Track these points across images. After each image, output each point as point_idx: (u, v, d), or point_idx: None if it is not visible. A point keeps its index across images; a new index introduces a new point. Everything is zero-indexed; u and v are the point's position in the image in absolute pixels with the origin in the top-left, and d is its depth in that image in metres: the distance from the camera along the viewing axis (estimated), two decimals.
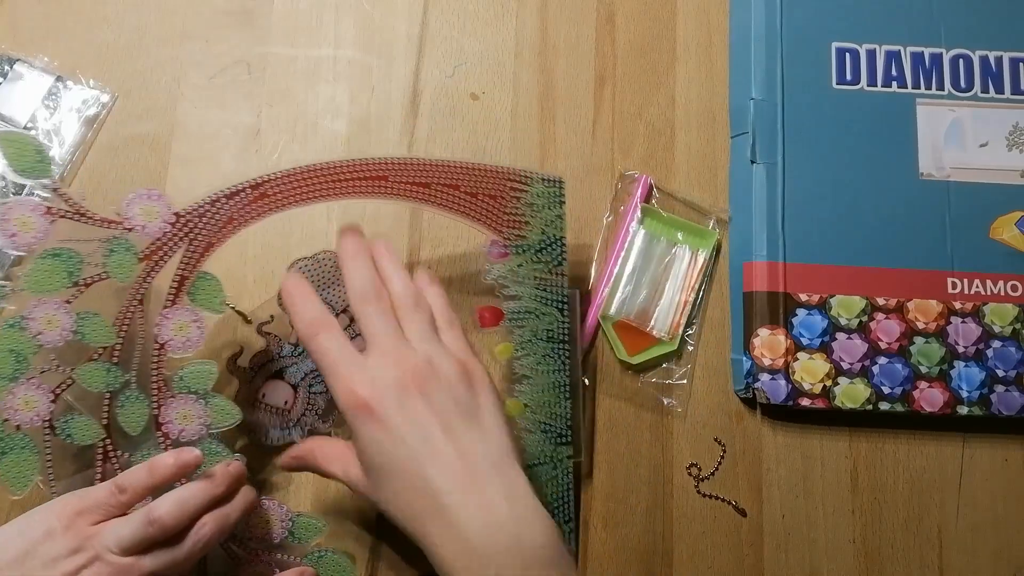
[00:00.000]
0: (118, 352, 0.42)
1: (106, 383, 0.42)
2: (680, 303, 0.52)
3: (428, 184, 0.46)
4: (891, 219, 0.52)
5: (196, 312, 0.43)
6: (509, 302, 0.47)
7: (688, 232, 0.54)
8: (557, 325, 0.48)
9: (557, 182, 0.48)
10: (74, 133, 0.52)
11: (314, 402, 0.48)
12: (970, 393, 0.50)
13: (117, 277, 0.42)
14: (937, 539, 0.51)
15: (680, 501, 0.51)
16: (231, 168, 0.53)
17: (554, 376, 0.48)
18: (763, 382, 0.50)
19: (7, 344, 0.41)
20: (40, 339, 0.41)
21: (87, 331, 0.41)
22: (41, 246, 0.41)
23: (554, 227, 0.48)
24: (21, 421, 0.41)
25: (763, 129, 0.53)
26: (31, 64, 0.53)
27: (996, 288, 0.51)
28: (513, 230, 0.47)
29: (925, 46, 0.54)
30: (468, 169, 0.46)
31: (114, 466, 0.43)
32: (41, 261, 0.41)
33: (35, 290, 0.41)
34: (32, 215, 0.41)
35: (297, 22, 0.56)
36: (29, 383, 0.41)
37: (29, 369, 0.41)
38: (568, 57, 0.56)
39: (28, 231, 0.41)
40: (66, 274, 0.41)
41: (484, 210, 0.47)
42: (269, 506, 0.45)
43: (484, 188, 0.47)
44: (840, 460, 0.51)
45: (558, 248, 0.48)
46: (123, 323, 0.42)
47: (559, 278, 0.48)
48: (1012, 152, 0.53)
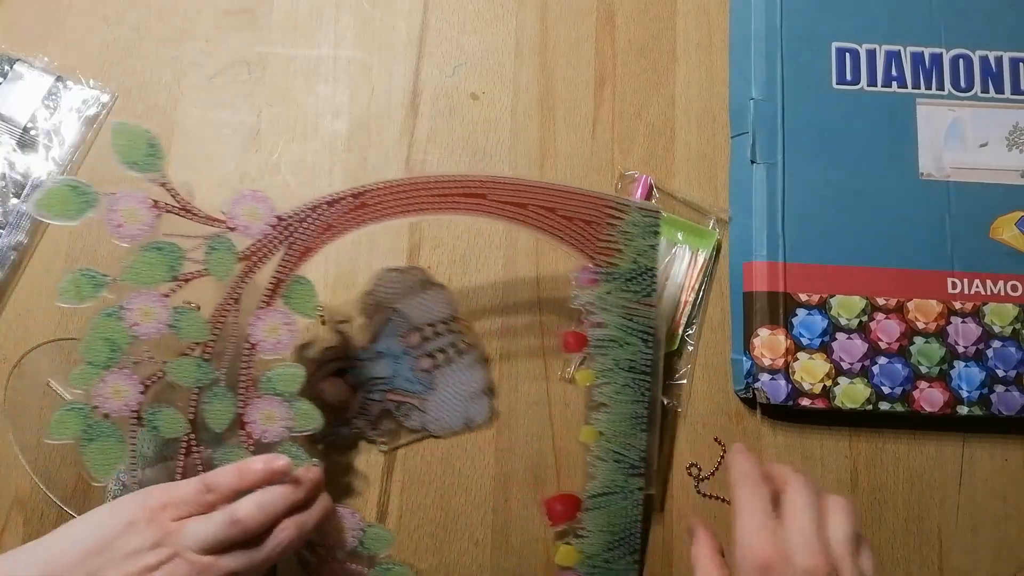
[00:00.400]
0: (210, 349, 0.42)
1: (196, 378, 0.42)
2: (680, 303, 0.52)
3: (525, 205, 0.46)
4: (891, 219, 0.52)
5: (289, 315, 0.43)
6: (594, 329, 0.47)
7: (688, 232, 0.54)
8: (640, 356, 0.48)
9: (654, 213, 0.48)
10: (74, 133, 0.52)
11: (368, 407, 0.49)
12: (970, 393, 0.50)
13: (216, 275, 0.42)
14: (937, 539, 0.51)
15: (680, 501, 0.51)
16: (231, 168, 0.53)
17: (632, 406, 0.48)
18: (763, 382, 0.50)
19: (103, 332, 0.41)
20: (136, 330, 0.41)
21: (182, 325, 0.42)
22: (145, 239, 0.41)
23: (647, 257, 0.48)
24: (110, 409, 0.41)
25: (763, 129, 0.53)
26: (31, 64, 0.53)
27: (996, 288, 0.51)
28: (605, 257, 0.47)
29: (925, 46, 0.54)
30: (567, 193, 0.46)
31: (195, 462, 0.43)
32: (144, 253, 0.41)
33: (135, 281, 0.41)
34: (139, 207, 0.41)
35: (297, 22, 0.56)
36: (121, 372, 0.41)
37: (122, 359, 0.41)
38: (568, 57, 0.56)
39: (134, 223, 0.41)
40: (167, 268, 0.42)
41: (579, 235, 0.47)
42: (343, 514, 0.45)
43: (581, 213, 0.46)
44: (840, 460, 0.51)
45: (648, 278, 0.48)
46: (218, 320, 0.43)
47: (647, 308, 0.48)
48: (1012, 152, 0.53)
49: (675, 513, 0.50)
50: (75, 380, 0.41)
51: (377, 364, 0.49)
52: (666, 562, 0.50)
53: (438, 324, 0.50)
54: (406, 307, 0.49)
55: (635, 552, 0.48)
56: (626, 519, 0.47)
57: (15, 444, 0.48)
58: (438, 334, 0.50)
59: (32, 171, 0.51)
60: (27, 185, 0.51)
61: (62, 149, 0.52)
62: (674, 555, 0.50)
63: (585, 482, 0.48)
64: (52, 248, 0.51)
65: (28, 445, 0.48)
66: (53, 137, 0.52)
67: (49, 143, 0.51)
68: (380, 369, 0.49)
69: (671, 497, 0.51)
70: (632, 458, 0.48)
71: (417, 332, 0.49)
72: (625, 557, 0.47)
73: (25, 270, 0.51)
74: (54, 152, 0.51)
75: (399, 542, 0.49)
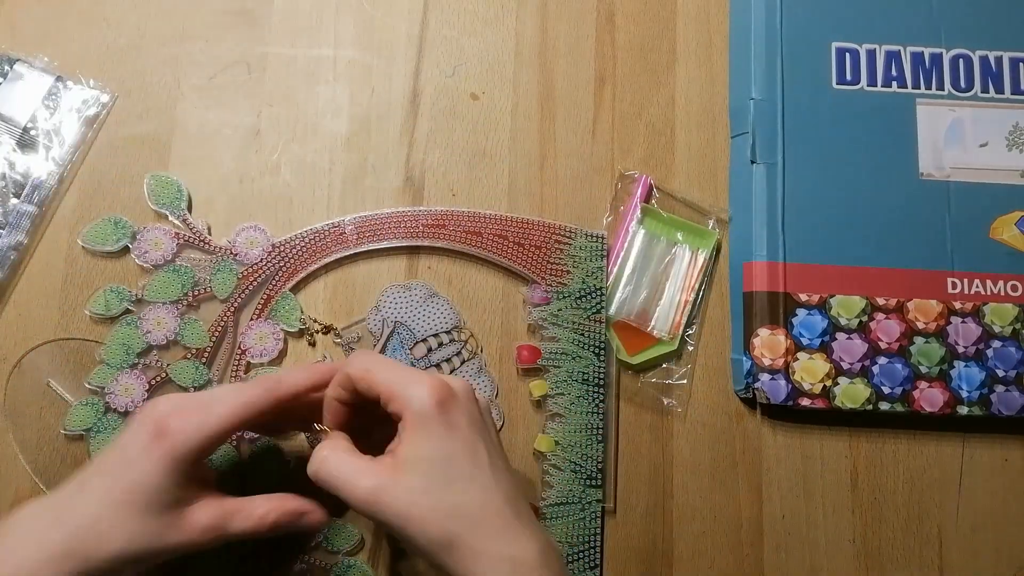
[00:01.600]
0: (207, 354, 0.49)
1: (193, 379, 0.49)
2: (680, 303, 0.52)
3: (480, 233, 0.52)
4: (891, 219, 0.52)
5: (276, 326, 0.50)
6: (547, 343, 0.50)
7: (688, 232, 0.54)
8: (593, 369, 0.50)
9: (600, 237, 0.52)
10: (74, 133, 0.52)
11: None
12: (970, 393, 0.50)
13: (218, 292, 0.50)
14: (937, 539, 0.51)
15: (680, 501, 0.51)
16: (231, 168, 0.53)
17: (587, 418, 0.49)
18: (763, 382, 0.50)
19: (121, 339, 0.49)
20: (148, 337, 0.49)
21: (187, 334, 0.49)
22: (166, 262, 0.50)
23: (594, 278, 0.51)
24: (117, 405, 0.48)
25: (763, 129, 0.53)
26: (31, 64, 0.53)
27: (996, 288, 0.51)
28: (556, 278, 0.51)
29: (925, 46, 0.54)
30: (517, 222, 0.52)
31: None
32: (164, 274, 0.50)
33: (153, 297, 0.49)
34: (164, 238, 0.50)
35: (297, 22, 0.56)
36: (132, 373, 0.48)
37: (134, 361, 0.48)
38: (568, 57, 0.56)
39: (158, 250, 0.50)
40: (180, 286, 0.50)
41: (530, 259, 0.52)
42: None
43: (531, 239, 0.52)
44: (840, 460, 0.51)
45: (597, 297, 0.51)
46: (216, 330, 0.49)
47: (597, 324, 0.51)
48: (1012, 152, 0.53)
49: (675, 513, 0.50)
50: (93, 379, 0.48)
51: None
52: (666, 562, 0.50)
53: (442, 334, 0.51)
54: (411, 320, 0.51)
55: (596, 567, 0.48)
56: (586, 531, 0.48)
57: (15, 444, 0.48)
58: (442, 344, 0.51)
59: (32, 171, 0.51)
60: (27, 185, 0.51)
61: (62, 149, 0.52)
62: (674, 555, 0.50)
63: (541, 491, 0.48)
64: (52, 248, 0.51)
65: (28, 445, 0.48)
66: (53, 137, 0.52)
67: (49, 143, 0.51)
68: None
69: (671, 497, 0.51)
70: (590, 469, 0.49)
71: (423, 343, 0.50)
72: (585, 572, 0.48)
73: (25, 270, 0.51)
74: (54, 152, 0.51)
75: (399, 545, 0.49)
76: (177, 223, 0.51)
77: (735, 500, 0.51)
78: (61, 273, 0.50)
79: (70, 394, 0.48)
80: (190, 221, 0.51)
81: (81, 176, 0.52)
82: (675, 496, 0.51)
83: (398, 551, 0.48)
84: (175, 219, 0.51)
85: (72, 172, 0.52)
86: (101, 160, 0.52)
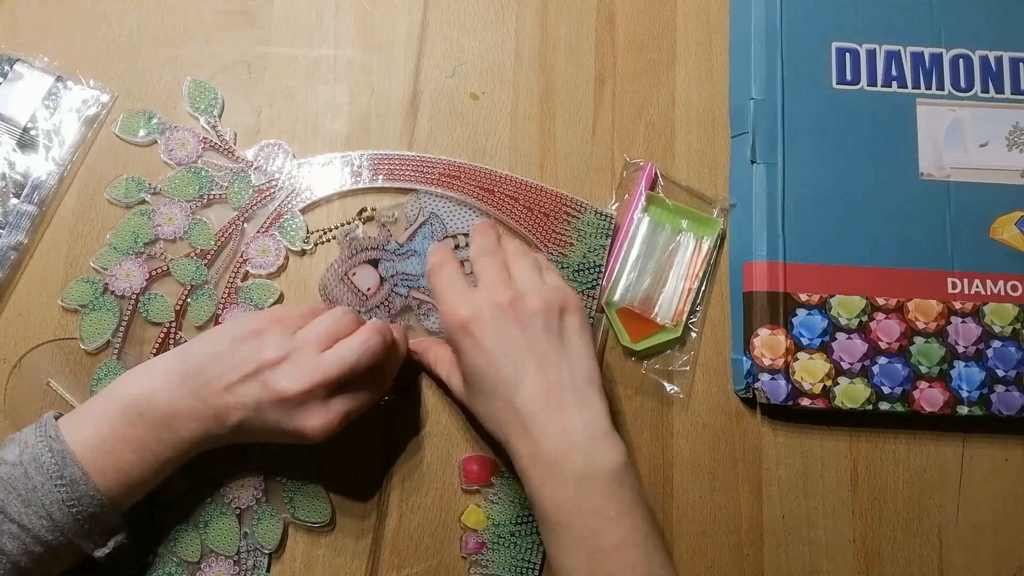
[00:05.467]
0: (210, 256, 0.51)
1: (192, 278, 0.50)
2: (684, 290, 0.52)
3: (492, 191, 0.53)
4: (891, 219, 0.52)
5: (279, 242, 0.52)
6: None
7: (692, 220, 0.54)
8: None
9: (608, 217, 0.53)
10: (74, 133, 0.52)
11: (391, 300, 0.51)
12: (970, 393, 0.50)
13: (232, 200, 0.52)
14: (937, 539, 0.51)
15: (680, 501, 0.51)
16: None
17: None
18: (763, 382, 0.50)
19: (132, 226, 0.51)
20: (158, 230, 0.51)
21: (195, 234, 0.51)
22: (189, 162, 0.52)
23: (596, 255, 0.52)
24: (116, 288, 0.50)
25: (763, 129, 0.53)
26: (31, 64, 0.53)
27: (996, 288, 0.51)
28: (558, 248, 0.52)
29: (925, 46, 0.54)
30: (530, 187, 0.53)
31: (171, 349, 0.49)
32: (184, 172, 0.52)
33: (169, 193, 0.51)
34: (190, 138, 0.52)
35: (297, 22, 0.56)
36: (136, 260, 0.50)
37: (139, 249, 0.50)
38: (568, 57, 0.56)
39: (184, 149, 0.52)
40: (197, 187, 0.52)
41: (536, 225, 0.53)
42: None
43: (541, 206, 0.53)
44: (840, 460, 0.51)
45: (595, 273, 0.52)
46: (223, 236, 0.51)
47: (590, 300, 0.52)
48: (1012, 152, 0.53)
49: (675, 513, 0.50)
50: (98, 259, 0.50)
51: (409, 261, 0.52)
52: None
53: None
54: (444, 214, 0.52)
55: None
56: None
57: None
58: (468, 244, 0.51)
59: (32, 171, 0.51)
60: (27, 185, 0.51)
61: (62, 149, 0.52)
62: (674, 555, 0.50)
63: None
64: (52, 248, 0.51)
65: None
66: (53, 137, 0.52)
67: (49, 143, 0.51)
68: (410, 266, 0.52)
69: (671, 497, 0.51)
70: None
71: (451, 238, 0.52)
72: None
73: (25, 270, 0.51)
74: (54, 152, 0.51)
75: (398, 542, 0.49)
76: (207, 128, 0.52)
77: (735, 500, 0.51)
78: (61, 273, 0.50)
79: (70, 394, 0.48)
80: (219, 128, 0.53)
81: (81, 176, 0.52)
82: (675, 496, 0.51)
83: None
84: (205, 123, 0.53)
85: (72, 172, 0.52)
86: (101, 160, 0.52)
